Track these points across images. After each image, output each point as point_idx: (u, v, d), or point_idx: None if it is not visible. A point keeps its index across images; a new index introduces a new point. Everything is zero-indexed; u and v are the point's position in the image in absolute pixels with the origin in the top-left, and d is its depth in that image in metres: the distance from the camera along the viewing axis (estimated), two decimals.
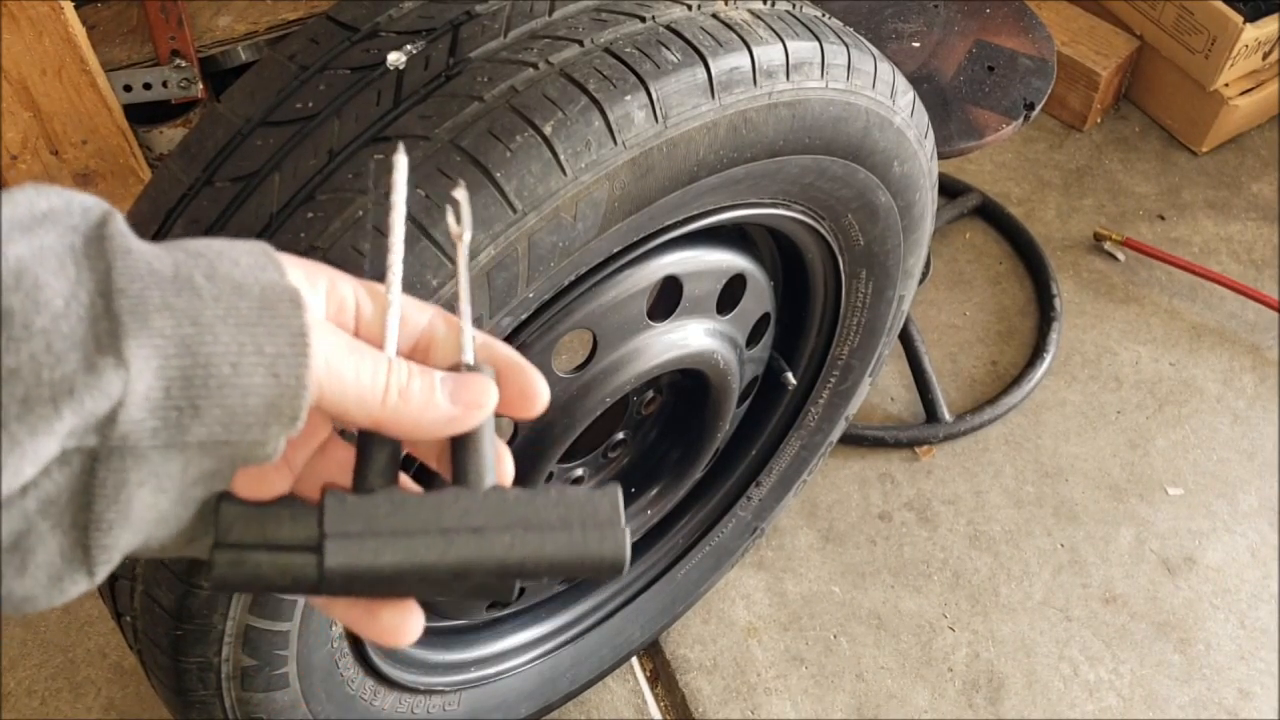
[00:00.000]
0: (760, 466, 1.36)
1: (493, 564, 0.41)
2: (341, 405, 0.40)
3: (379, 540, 0.40)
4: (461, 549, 0.41)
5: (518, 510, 0.42)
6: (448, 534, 0.41)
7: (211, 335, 0.36)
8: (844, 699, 1.47)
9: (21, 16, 1.43)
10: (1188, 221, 2.04)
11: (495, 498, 0.42)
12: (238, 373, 0.36)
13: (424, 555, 0.40)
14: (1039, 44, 1.51)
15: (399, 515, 0.41)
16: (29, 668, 1.47)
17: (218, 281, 0.37)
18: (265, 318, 0.37)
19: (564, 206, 0.72)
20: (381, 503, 0.41)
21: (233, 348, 0.36)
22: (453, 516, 0.41)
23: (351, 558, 0.40)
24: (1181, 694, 1.48)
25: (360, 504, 0.41)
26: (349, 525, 0.41)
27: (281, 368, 0.37)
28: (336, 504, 0.41)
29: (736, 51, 0.77)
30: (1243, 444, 1.72)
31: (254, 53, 1.84)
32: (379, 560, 0.40)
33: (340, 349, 0.40)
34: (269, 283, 0.38)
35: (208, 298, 0.36)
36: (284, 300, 0.38)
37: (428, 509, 0.41)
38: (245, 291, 0.37)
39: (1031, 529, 1.63)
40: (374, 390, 0.40)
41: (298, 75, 0.76)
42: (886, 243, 1.08)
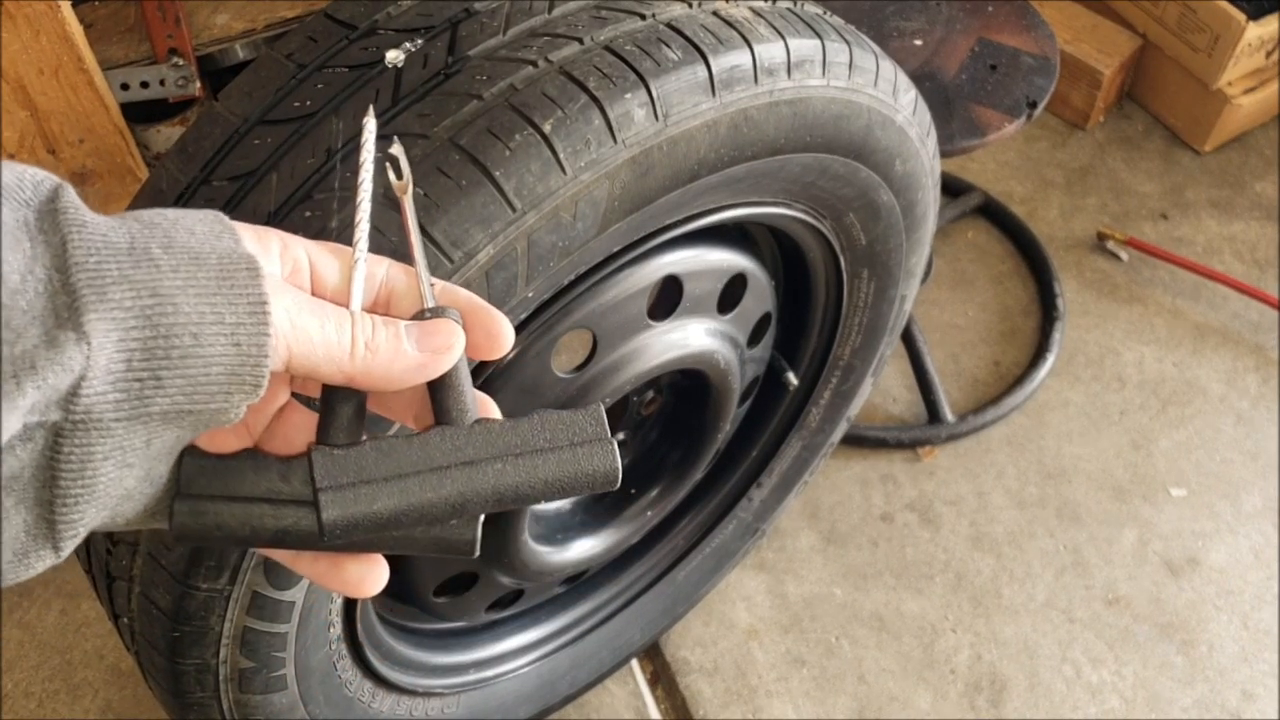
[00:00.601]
0: (761, 467, 1.35)
1: (489, 493, 0.42)
2: (311, 363, 0.40)
3: (372, 487, 0.41)
4: (456, 483, 0.41)
5: (506, 438, 0.43)
6: (440, 471, 0.41)
7: (172, 306, 0.36)
8: (845, 701, 1.46)
9: (18, 15, 1.43)
10: (1191, 221, 2.03)
11: (481, 430, 0.43)
12: (199, 342, 0.36)
13: (420, 495, 0.41)
14: (1041, 42, 1.50)
15: (389, 460, 0.42)
16: (26, 669, 1.46)
17: (175, 252, 0.37)
18: (224, 287, 0.37)
19: (563, 205, 0.71)
20: (369, 451, 0.42)
21: (193, 318, 0.36)
22: (443, 453, 0.42)
23: (348, 508, 0.41)
24: (1184, 696, 1.47)
25: (348, 455, 0.42)
26: (341, 477, 0.41)
27: (243, 336, 0.37)
28: (324, 458, 0.41)
29: (737, 49, 0.76)
30: (1246, 445, 1.72)
31: (252, 51, 1.83)
32: (375, 506, 0.41)
33: (303, 309, 0.40)
34: (225, 251, 0.38)
35: (166, 269, 0.36)
36: (241, 268, 0.38)
37: (416, 450, 0.42)
38: (203, 261, 0.37)
39: (1034, 530, 1.62)
40: (341, 345, 0.40)
41: (296, 73, 0.76)
42: (889, 242, 1.07)
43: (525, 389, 0.88)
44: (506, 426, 0.43)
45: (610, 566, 1.33)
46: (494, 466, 0.42)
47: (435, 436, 0.42)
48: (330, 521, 0.41)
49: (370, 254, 0.45)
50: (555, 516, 1.17)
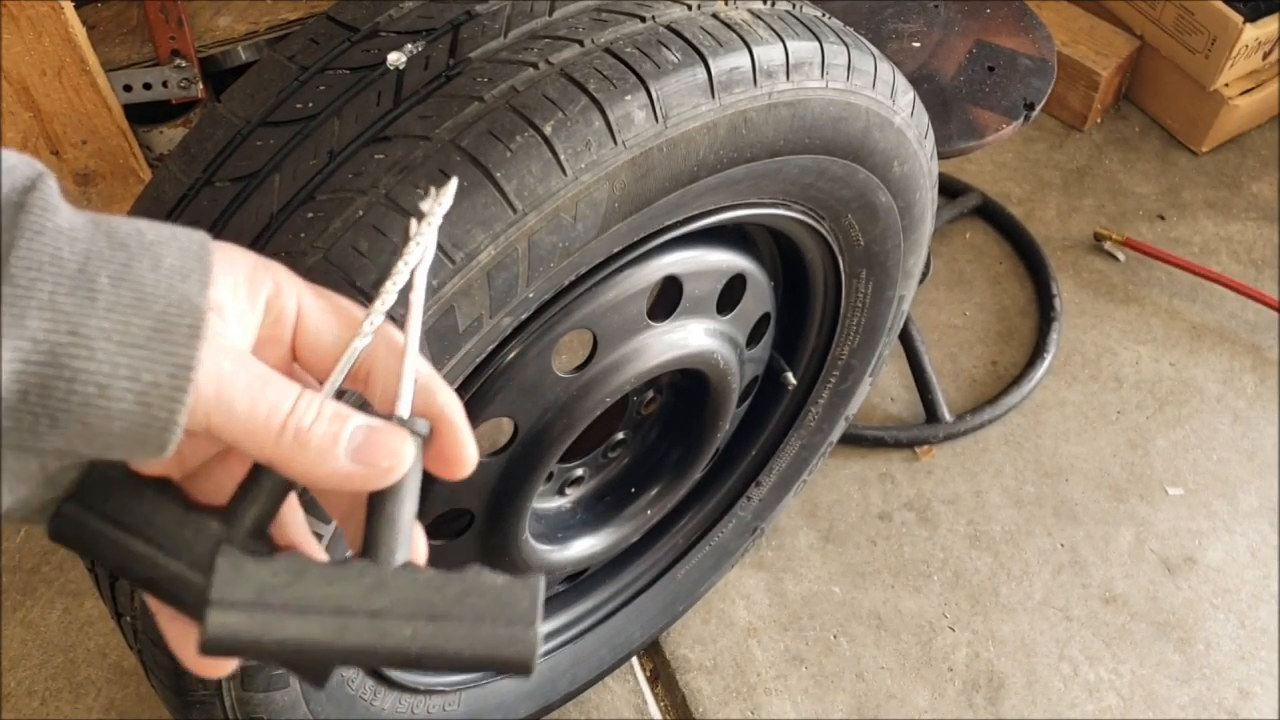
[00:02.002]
0: (760, 466, 1.36)
1: (390, 652, 0.38)
2: (230, 435, 0.37)
3: (268, 614, 0.37)
4: (358, 634, 0.38)
5: (426, 596, 0.38)
6: (346, 615, 0.38)
7: (86, 350, 0.34)
8: (844, 699, 1.47)
9: (21, 16, 1.43)
10: (1188, 221, 2.03)
11: (404, 579, 0.39)
12: (104, 395, 0.34)
13: (316, 635, 0.37)
14: (1039, 44, 1.51)
15: (295, 587, 0.38)
16: (29, 668, 1.47)
17: (122, 287, 0.35)
18: (155, 341, 0.35)
19: (564, 206, 0.72)
20: (279, 570, 0.38)
21: (105, 368, 0.34)
22: (354, 596, 0.38)
23: (236, 630, 0.37)
24: (1181, 694, 1.48)
25: (255, 569, 0.38)
26: (239, 592, 0.38)
27: (155, 398, 0.35)
28: (228, 566, 0.38)
29: (737, 51, 0.77)
30: (1243, 444, 1.72)
31: (254, 53, 1.84)
32: (265, 636, 0.37)
33: (238, 378, 0.37)
34: (177, 299, 0.35)
35: (101, 306, 0.34)
36: (183, 325, 0.35)
37: (327, 584, 0.38)
38: (145, 306, 0.35)
39: (1031, 529, 1.63)
40: (268, 426, 0.37)
41: (298, 75, 0.76)
42: (886, 243, 1.08)
43: (526, 389, 0.89)
44: (433, 582, 0.39)
45: (610, 565, 1.34)
46: (404, 627, 0.38)
47: (352, 573, 0.39)
48: (212, 638, 0.37)
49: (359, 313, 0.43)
50: (556, 515, 1.18)
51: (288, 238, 0.69)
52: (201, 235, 0.38)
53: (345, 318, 0.43)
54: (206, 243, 0.38)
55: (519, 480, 0.99)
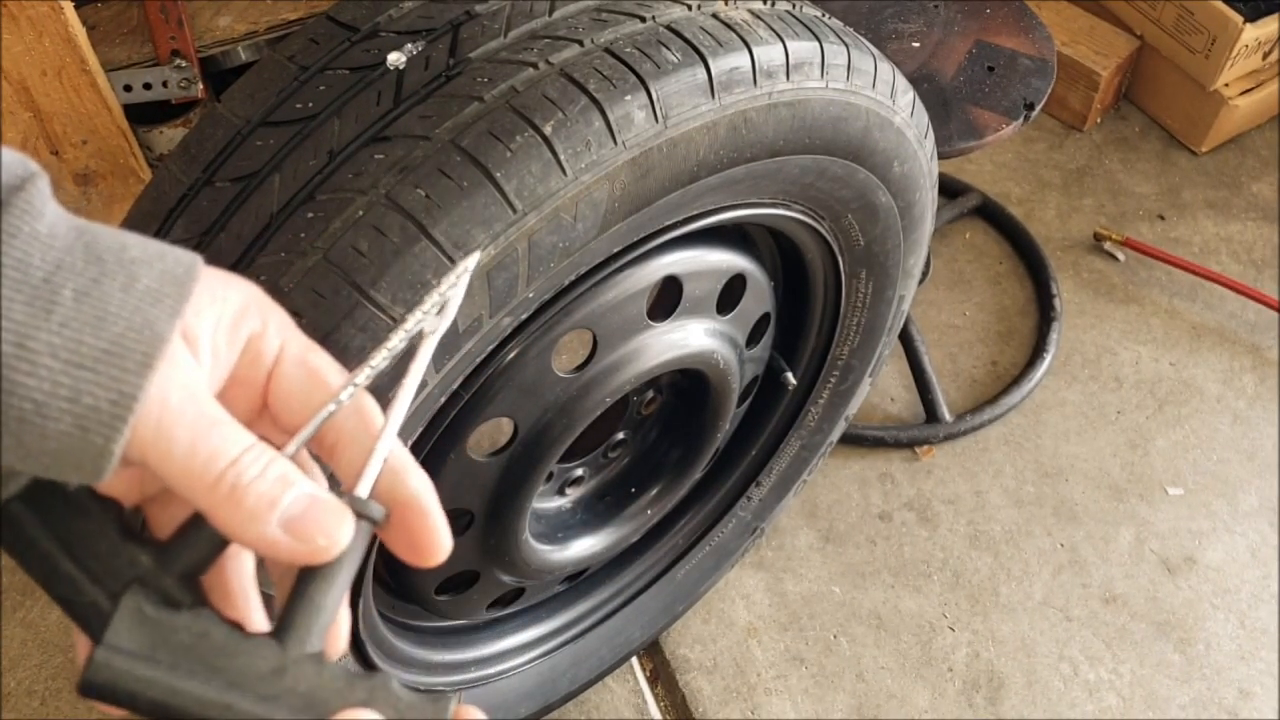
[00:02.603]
0: (760, 466, 1.36)
1: None
2: (166, 474, 0.36)
3: (155, 670, 0.36)
4: (240, 715, 0.36)
5: (321, 694, 0.37)
6: (233, 692, 0.36)
7: (29, 365, 0.32)
8: (844, 699, 1.47)
9: (21, 16, 1.43)
10: (1188, 221, 2.04)
11: (306, 670, 0.37)
12: (40, 413, 0.33)
13: (195, 706, 0.36)
14: (1039, 44, 1.51)
15: (192, 649, 0.36)
16: (29, 668, 1.47)
17: (85, 304, 0.33)
18: (103, 364, 0.33)
19: (564, 207, 0.72)
20: (181, 626, 0.37)
21: (45, 385, 0.33)
22: (249, 674, 0.36)
23: (115, 677, 0.36)
24: (1181, 694, 1.48)
25: (158, 619, 0.37)
26: (132, 639, 0.36)
27: (92, 424, 0.33)
28: (132, 610, 0.37)
29: (736, 51, 0.77)
30: (1243, 444, 1.72)
31: (254, 53, 1.84)
32: (144, 692, 0.36)
33: (184, 415, 0.35)
34: (139, 324, 0.34)
35: (55, 321, 0.33)
36: (137, 351, 0.34)
37: (226, 654, 0.37)
38: (103, 326, 0.33)
39: (1031, 529, 1.63)
40: (205, 472, 0.36)
41: (298, 75, 0.76)
42: (886, 243, 1.08)
43: (526, 389, 0.89)
44: (334, 681, 0.37)
45: (610, 565, 1.34)
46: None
47: (255, 649, 0.37)
48: (87, 681, 0.36)
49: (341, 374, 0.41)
50: (556, 515, 1.18)
51: (288, 238, 0.69)
52: (192, 259, 0.36)
53: (320, 376, 0.41)
54: (195, 268, 0.36)
55: (519, 480, 0.99)
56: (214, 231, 0.72)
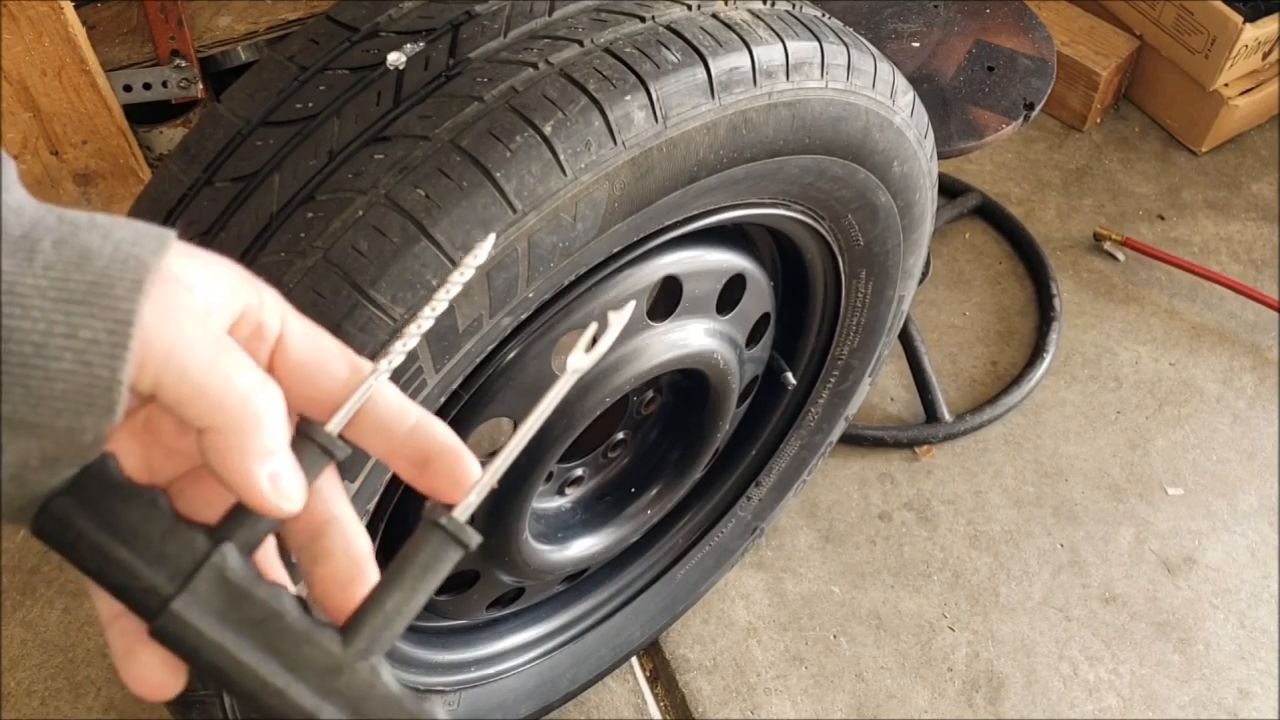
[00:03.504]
0: (760, 466, 1.36)
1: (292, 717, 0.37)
2: (178, 396, 0.35)
3: (227, 632, 0.37)
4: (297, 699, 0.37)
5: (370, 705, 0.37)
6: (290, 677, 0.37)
7: (20, 308, 0.32)
8: (844, 699, 1.47)
9: (21, 16, 1.43)
10: (1187, 221, 2.04)
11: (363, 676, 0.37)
12: (41, 354, 0.33)
13: (257, 679, 0.37)
14: (1039, 44, 1.51)
15: (261, 626, 0.37)
16: (29, 668, 1.47)
17: (64, 249, 0.33)
18: (94, 295, 0.33)
19: (564, 207, 0.72)
20: (257, 601, 0.37)
21: (40, 326, 0.33)
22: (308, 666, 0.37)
23: (192, 626, 0.36)
24: (1181, 694, 1.48)
25: (235, 589, 0.37)
26: (214, 596, 0.37)
27: (94, 356, 0.33)
28: (218, 569, 0.37)
29: (736, 51, 0.77)
30: (1242, 444, 1.72)
31: (254, 53, 1.84)
32: (212, 650, 0.36)
33: (199, 339, 0.35)
34: (124, 257, 0.34)
35: (39, 265, 0.33)
36: (125, 279, 0.34)
37: (294, 637, 0.37)
38: (87, 264, 0.34)
39: (1031, 529, 1.63)
40: (226, 391, 0.36)
41: (298, 75, 0.76)
42: (886, 243, 1.08)
43: (526, 389, 0.89)
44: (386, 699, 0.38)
45: (610, 565, 1.34)
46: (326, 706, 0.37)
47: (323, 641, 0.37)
48: (159, 627, 0.36)
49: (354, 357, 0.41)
50: (556, 515, 1.18)
51: (287, 238, 0.69)
52: (167, 231, 0.37)
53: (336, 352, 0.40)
54: (170, 232, 0.36)
55: (519, 480, 0.99)
56: (214, 231, 0.72)
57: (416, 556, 0.39)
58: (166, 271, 0.35)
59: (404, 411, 0.41)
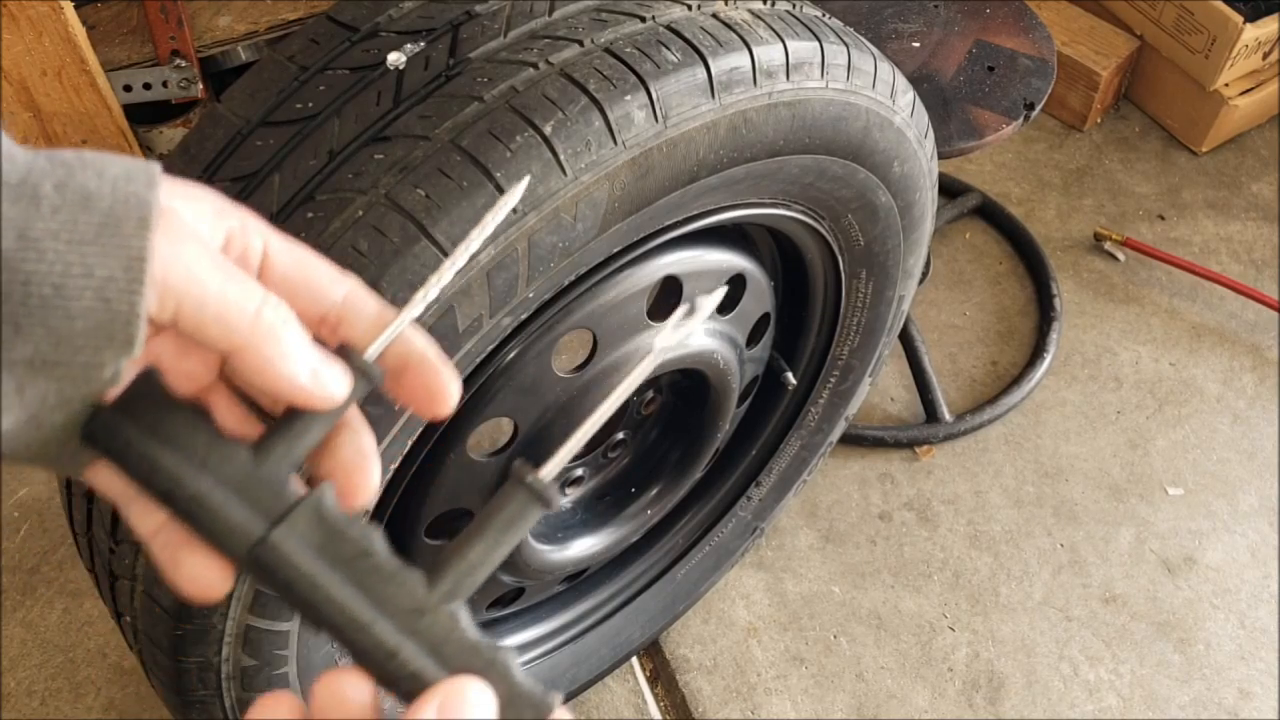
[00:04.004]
0: (760, 466, 1.36)
1: (391, 670, 0.38)
2: (198, 322, 0.37)
3: (321, 563, 0.38)
4: (381, 636, 0.38)
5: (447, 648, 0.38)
6: (375, 613, 0.38)
7: (35, 252, 0.34)
8: (844, 699, 1.47)
9: (21, 16, 1.43)
10: (1188, 221, 2.04)
11: (443, 621, 0.39)
12: (60, 294, 0.34)
13: (343, 611, 0.38)
14: (1039, 44, 1.51)
15: (351, 564, 0.38)
16: (29, 668, 1.47)
17: (66, 192, 0.35)
18: (104, 235, 0.35)
19: (564, 206, 0.72)
20: (350, 538, 0.39)
21: (57, 267, 0.34)
22: (392, 605, 0.38)
23: (279, 561, 0.38)
24: (1181, 694, 1.48)
25: (330, 525, 0.39)
26: (312, 530, 0.38)
27: (112, 292, 0.35)
28: (315, 505, 0.39)
29: (736, 51, 0.77)
30: (1243, 444, 1.72)
31: (254, 53, 1.84)
32: (304, 581, 0.38)
33: (206, 264, 0.37)
34: (124, 196, 0.36)
35: (45, 209, 0.34)
36: (131, 218, 0.35)
37: (383, 575, 0.38)
38: (92, 205, 0.35)
39: (1031, 529, 1.63)
40: (242, 310, 0.37)
41: (298, 75, 0.76)
42: (886, 243, 1.08)
43: (526, 389, 0.89)
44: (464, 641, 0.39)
45: (610, 565, 1.34)
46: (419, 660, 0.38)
47: (409, 583, 0.39)
48: (255, 555, 0.38)
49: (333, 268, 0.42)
50: (556, 515, 1.18)
51: None
52: (151, 163, 0.38)
53: (321, 266, 0.42)
54: (155, 165, 0.38)
55: None
56: None
57: (501, 511, 0.41)
58: (165, 205, 0.37)
59: (383, 319, 0.42)
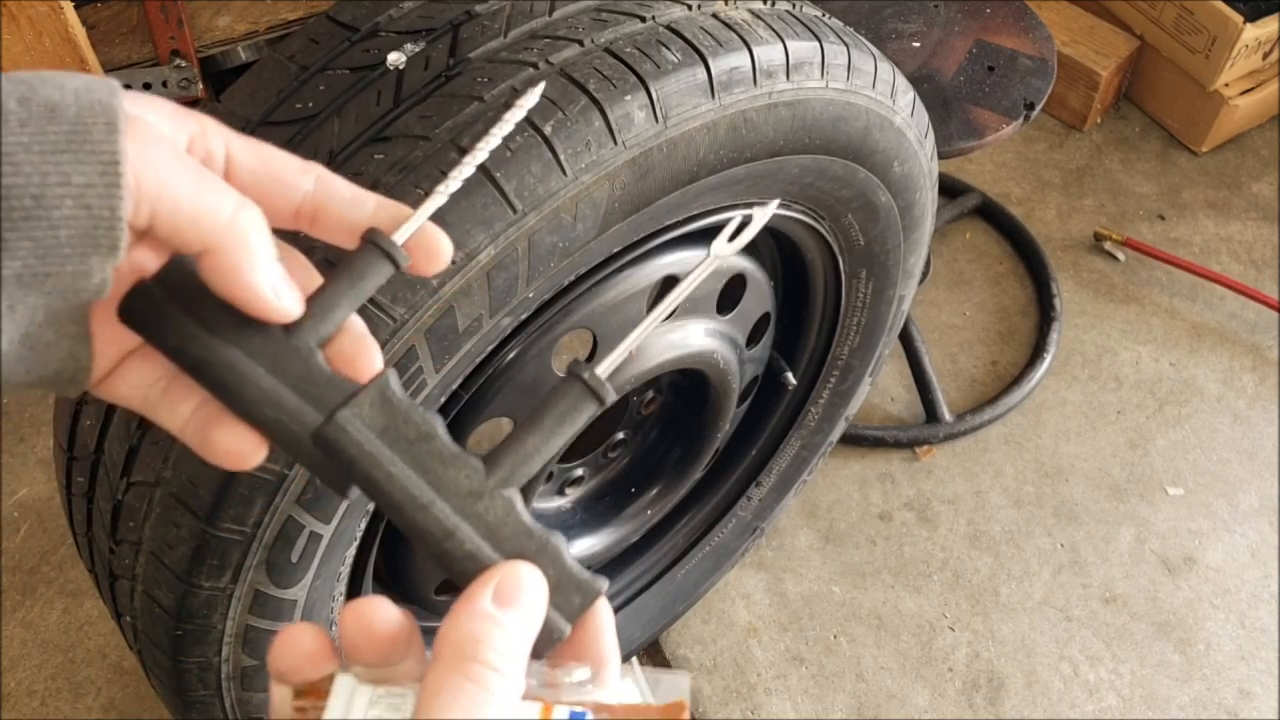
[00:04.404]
0: (760, 466, 1.36)
1: (451, 549, 0.40)
2: (174, 223, 0.37)
3: (378, 449, 0.40)
4: (439, 517, 0.39)
5: (502, 531, 0.40)
6: (435, 493, 0.40)
7: (11, 166, 0.34)
8: (844, 699, 1.47)
9: (21, 16, 1.43)
10: (1188, 221, 2.03)
11: (499, 505, 0.40)
12: (41, 205, 0.35)
13: (397, 495, 0.39)
14: (1039, 44, 1.50)
15: (413, 446, 0.40)
16: (29, 668, 1.46)
17: (31, 105, 0.35)
18: (75, 143, 0.35)
19: (564, 207, 0.72)
20: (412, 422, 0.40)
21: (34, 179, 0.34)
22: (451, 488, 0.40)
23: (345, 440, 0.39)
24: (1181, 694, 1.48)
25: (395, 407, 0.40)
26: (375, 415, 0.40)
27: (92, 198, 0.35)
28: (377, 390, 0.40)
29: (736, 51, 0.77)
30: (1243, 444, 1.72)
31: (254, 53, 1.83)
32: (360, 462, 0.39)
33: (179, 174, 0.37)
34: (89, 103, 0.36)
35: (14, 123, 0.35)
36: (99, 123, 0.35)
37: (442, 460, 0.40)
38: (58, 115, 0.35)
39: (1031, 529, 1.63)
40: (218, 211, 0.38)
41: (298, 75, 0.76)
42: (887, 242, 1.08)
43: (526, 389, 0.88)
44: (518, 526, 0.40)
45: (610, 564, 1.33)
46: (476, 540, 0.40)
47: (466, 468, 0.40)
48: (322, 432, 0.39)
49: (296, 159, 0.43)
50: (555, 514, 1.18)
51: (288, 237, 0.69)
52: (107, 79, 0.38)
53: (286, 159, 0.43)
54: (112, 79, 0.38)
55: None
56: None
57: (557, 404, 0.42)
58: (130, 111, 0.37)
59: (361, 200, 0.43)
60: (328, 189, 0.43)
